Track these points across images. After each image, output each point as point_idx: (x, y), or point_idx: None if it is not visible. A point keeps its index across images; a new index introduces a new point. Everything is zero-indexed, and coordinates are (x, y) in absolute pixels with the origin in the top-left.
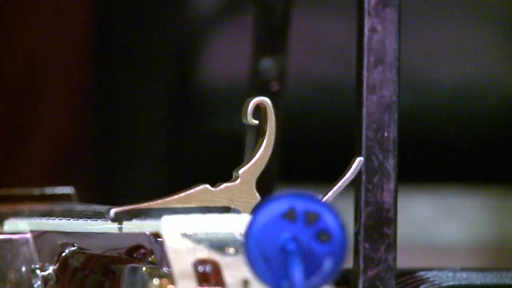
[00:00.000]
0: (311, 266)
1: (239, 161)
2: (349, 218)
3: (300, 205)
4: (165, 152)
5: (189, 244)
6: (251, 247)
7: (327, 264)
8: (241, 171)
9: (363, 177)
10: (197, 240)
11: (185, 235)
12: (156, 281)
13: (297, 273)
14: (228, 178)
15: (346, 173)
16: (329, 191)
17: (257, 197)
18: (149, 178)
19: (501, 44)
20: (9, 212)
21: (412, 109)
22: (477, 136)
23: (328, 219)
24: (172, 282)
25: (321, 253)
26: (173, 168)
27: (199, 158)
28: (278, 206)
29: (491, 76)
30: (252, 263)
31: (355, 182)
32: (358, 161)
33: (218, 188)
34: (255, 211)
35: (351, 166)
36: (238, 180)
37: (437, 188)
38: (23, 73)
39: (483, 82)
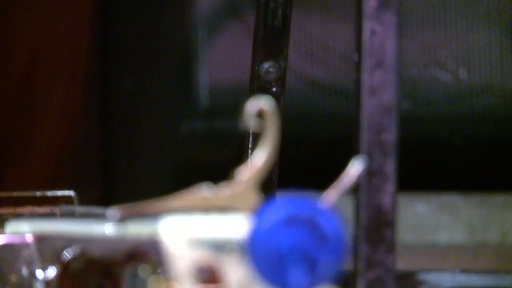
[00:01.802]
0: (311, 268)
1: (240, 163)
2: (348, 220)
3: (300, 208)
4: (166, 155)
5: (189, 246)
6: (252, 249)
7: (326, 266)
8: (242, 173)
9: (363, 180)
10: (197, 241)
11: (185, 237)
12: (156, 283)
13: (297, 274)
14: (229, 180)
15: (345, 176)
16: (329, 194)
17: (258, 199)
18: (150, 181)
19: (504, 47)
20: (10, 214)
21: (412, 111)
22: (477, 139)
23: (327, 222)
24: (172, 283)
25: (320, 255)
26: (174, 170)
27: (200, 160)
28: (278, 209)
29: (492, 80)
30: (253, 265)
31: (355, 185)
32: (358, 163)
33: (218, 190)
34: (255, 213)
35: (350, 169)
36: (239, 182)
37: (437, 190)
38: (24, 76)
39: (484, 85)
